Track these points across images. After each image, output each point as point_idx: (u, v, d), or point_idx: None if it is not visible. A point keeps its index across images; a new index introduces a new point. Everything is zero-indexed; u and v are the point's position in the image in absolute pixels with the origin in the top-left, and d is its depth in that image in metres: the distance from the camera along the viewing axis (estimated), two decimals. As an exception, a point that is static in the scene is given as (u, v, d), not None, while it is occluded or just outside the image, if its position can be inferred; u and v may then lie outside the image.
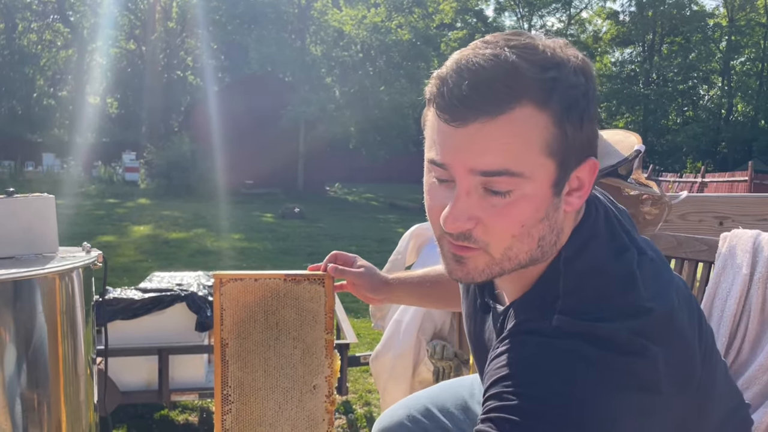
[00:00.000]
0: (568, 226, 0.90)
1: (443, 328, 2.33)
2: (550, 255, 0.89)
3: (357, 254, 1.47)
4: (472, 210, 0.83)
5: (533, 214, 0.83)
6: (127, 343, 3.53)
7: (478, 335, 1.08)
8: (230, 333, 1.36)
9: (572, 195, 0.86)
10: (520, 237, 0.84)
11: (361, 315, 6.71)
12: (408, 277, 1.52)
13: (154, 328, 3.60)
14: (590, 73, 0.85)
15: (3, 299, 1.32)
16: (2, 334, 1.37)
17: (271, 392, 1.38)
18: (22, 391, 1.41)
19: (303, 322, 1.37)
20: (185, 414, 4.10)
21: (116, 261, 9.34)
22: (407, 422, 1.43)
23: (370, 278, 1.43)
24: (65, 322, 1.42)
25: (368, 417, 4.16)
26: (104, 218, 13.89)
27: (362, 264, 1.45)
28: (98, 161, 23.34)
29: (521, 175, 0.81)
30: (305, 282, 1.37)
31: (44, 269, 1.31)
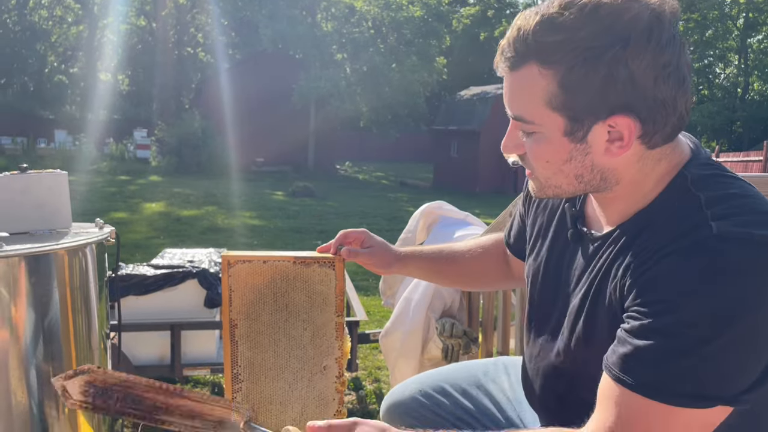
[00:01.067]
0: (634, 167, 0.96)
1: (452, 306, 2.34)
2: (606, 188, 0.99)
3: (370, 230, 1.47)
4: (515, 141, 1.01)
5: (555, 155, 0.97)
6: (139, 318, 3.58)
7: (557, 272, 1.12)
8: (239, 314, 1.37)
9: (613, 144, 0.94)
10: (552, 171, 0.99)
11: (370, 293, 6.74)
12: (421, 252, 1.52)
13: (166, 304, 3.65)
14: (638, 32, 0.87)
15: (17, 274, 1.33)
16: (17, 308, 1.38)
17: (281, 372, 1.39)
18: (38, 364, 1.42)
19: (313, 305, 1.37)
20: (197, 389, 4.17)
21: (128, 237, 9.41)
22: (420, 397, 1.44)
23: (382, 255, 1.43)
24: (79, 297, 1.42)
25: (377, 393, 4.20)
26: (116, 195, 13.97)
27: (372, 242, 1.44)
28: (110, 138, 23.41)
29: (532, 123, 0.96)
30: (315, 265, 1.37)
31: (58, 244, 1.33)
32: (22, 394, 1.40)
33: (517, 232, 1.39)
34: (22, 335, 1.40)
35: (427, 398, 1.44)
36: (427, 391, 1.45)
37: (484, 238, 1.58)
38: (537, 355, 1.17)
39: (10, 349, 1.39)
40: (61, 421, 1.48)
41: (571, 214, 1.12)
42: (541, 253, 1.18)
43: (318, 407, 1.40)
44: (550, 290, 1.13)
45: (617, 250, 0.98)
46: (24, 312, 1.40)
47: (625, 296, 0.92)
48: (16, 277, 1.35)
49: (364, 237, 1.44)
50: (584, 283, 1.03)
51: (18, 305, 1.39)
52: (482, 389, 1.42)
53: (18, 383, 1.40)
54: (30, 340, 1.42)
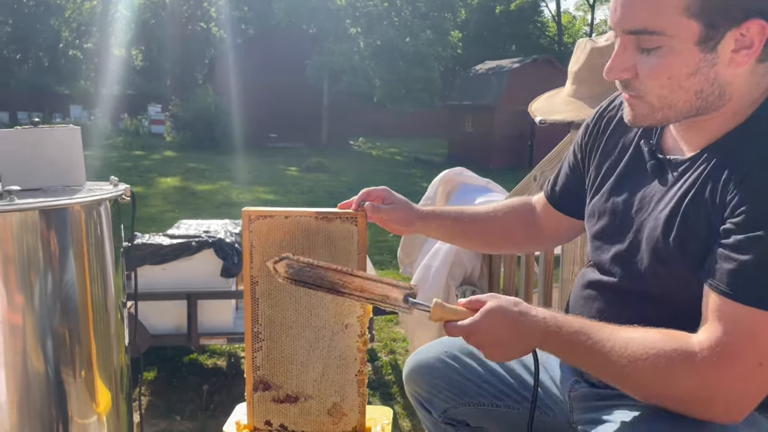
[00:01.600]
0: (746, 81, 0.98)
1: (473, 273, 2.30)
2: (718, 106, 0.99)
3: None
4: (626, 63, 1.01)
5: (680, 69, 0.96)
6: (155, 287, 3.58)
7: (629, 204, 1.12)
8: (260, 271, 1.34)
9: (739, 53, 0.94)
10: (670, 88, 0.98)
11: (386, 266, 6.73)
12: (444, 211, 1.48)
13: (182, 274, 3.64)
14: None
15: (29, 229, 1.27)
16: (31, 267, 1.33)
17: (302, 331, 1.36)
18: (53, 325, 1.39)
19: (335, 261, 1.33)
20: (213, 358, 4.18)
21: (144, 211, 9.46)
22: (446, 358, 1.41)
23: (404, 212, 1.40)
24: (93, 255, 1.38)
25: (393, 365, 4.20)
26: (131, 170, 14.03)
27: (394, 199, 1.40)
28: (124, 113, 23.46)
29: (662, 33, 0.94)
30: (337, 220, 1.33)
31: (71, 199, 1.28)
32: (37, 357, 1.36)
33: (565, 183, 1.36)
34: (37, 296, 1.36)
35: (453, 359, 1.41)
36: (453, 353, 1.42)
37: (510, 199, 1.53)
38: (601, 289, 1.16)
39: (25, 311, 1.35)
40: (78, 384, 1.45)
41: (649, 147, 1.13)
42: (612, 189, 1.17)
43: (339, 367, 1.37)
44: (625, 221, 1.12)
45: (710, 168, 0.99)
46: (39, 271, 1.35)
47: (725, 211, 0.94)
48: (29, 233, 1.30)
49: (386, 194, 1.40)
50: (669, 205, 1.03)
51: (30, 262, 1.34)
52: None
53: (32, 347, 1.37)
54: (46, 301, 1.38)
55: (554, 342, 1.03)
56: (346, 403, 1.38)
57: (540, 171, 1.92)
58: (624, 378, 0.97)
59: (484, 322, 1.05)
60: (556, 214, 1.40)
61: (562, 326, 1.02)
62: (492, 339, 1.05)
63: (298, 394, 1.38)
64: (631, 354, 0.95)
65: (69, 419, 1.41)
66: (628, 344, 0.96)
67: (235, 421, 1.45)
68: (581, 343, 1.00)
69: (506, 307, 1.05)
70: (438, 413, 1.43)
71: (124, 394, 1.64)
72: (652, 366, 0.93)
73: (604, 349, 0.97)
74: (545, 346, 1.04)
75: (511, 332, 1.04)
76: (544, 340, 1.03)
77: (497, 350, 1.06)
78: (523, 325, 1.03)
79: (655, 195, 1.08)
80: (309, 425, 1.39)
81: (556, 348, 1.04)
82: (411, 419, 3.40)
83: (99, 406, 1.48)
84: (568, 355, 1.05)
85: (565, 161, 1.38)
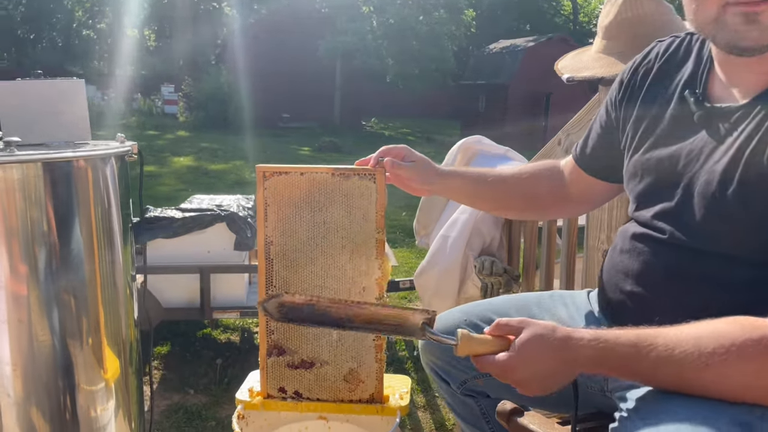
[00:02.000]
0: None
1: (492, 243, 2.23)
2: None
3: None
4: None
5: None
6: (168, 261, 3.55)
7: (676, 158, 1.04)
8: (274, 230, 1.28)
9: None
10: None
11: (398, 244, 6.68)
12: (466, 172, 1.41)
13: (194, 248, 3.61)
14: None
15: (33, 184, 1.19)
16: (32, 225, 1.25)
17: (318, 293, 1.30)
18: (57, 285, 1.30)
19: (352, 221, 1.27)
20: (227, 333, 4.16)
21: (158, 190, 9.46)
22: (465, 326, 1.33)
23: (425, 170, 1.33)
24: (99, 215, 1.31)
25: (407, 342, 4.16)
26: (145, 149, 13.80)
27: (415, 157, 1.33)
28: (138, 94, 23.46)
29: None
30: (355, 177, 1.27)
31: (76, 152, 1.21)
32: (43, 331, 1.29)
33: (597, 144, 1.27)
34: (40, 259, 1.28)
35: (473, 328, 1.34)
36: (472, 321, 1.35)
37: (536, 162, 1.45)
38: (649, 243, 1.07)
39: (28, 271, 1.27)
40: (85, 353, 1.39)
41: (695, 96, 1.04)
42: (655, 144, 1.09)
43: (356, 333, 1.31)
44: (672, 177, 1.04)
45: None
46: (39, 227, 1.27)
47: None
48: (31, 188, 1.21)
49: (406, 152, 1.33)
50: (725, 157, 0.95)
51: (32, 219, 1.25)
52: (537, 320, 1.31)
53: (37, 314, 1.30)
54: (50, 266, 1.30)
55: (610, 363, 0.91)
56: (363, 370, 1.33)
57: (565, 134, 1.84)
58: (707, 384, 0.85)
59: (523, 356, 0.94)
60: (586, 178, 1.31)
61: (615, 344, 0.90)
62: (533, 373, 0.94)
63: (313, 360, 1.33)
64: (707, 354, 0.84)
65: (76, 386, 1.36)
66: (699, 344, 0.85)
67: (248, 388, 1.40)
68: (645, 358, 0.88)
69: (545, 336, 0.94)
70: (456, 384, 1.37)
71: (134, 365, 1.59)
72: (738, 360, 0.82)
73: (675, 358, 0.85)
74: (599, 368, 0.93)
75: (557, 362, 0.93)
76: (598, 364, 0.92)
77: (538, 384, 0.95)
78: (568, 353, 0.92)
79: (705, 147, 1.00)
80: (324, 392, 1.34)
81: (614, 369, 0.92)
82: (425, 394, 3.36)
83: (107, 373, 1.43)
84: (631, 373, 0.92)
85: (596, 121, 1.29)
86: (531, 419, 1.13)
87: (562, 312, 1.30)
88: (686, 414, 0.85)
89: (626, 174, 1.16)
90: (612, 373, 0.95)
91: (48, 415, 1.33)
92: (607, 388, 1.14)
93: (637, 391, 0.99)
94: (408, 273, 5.53)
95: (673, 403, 0.89)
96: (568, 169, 1.36)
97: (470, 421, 1.39)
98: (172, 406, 3.12)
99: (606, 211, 1.70)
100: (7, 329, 1.21)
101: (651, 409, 0.91)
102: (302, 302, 1.02)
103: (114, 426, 1.46)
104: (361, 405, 1.33)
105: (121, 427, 1.49)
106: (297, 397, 1.35)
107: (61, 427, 1.34)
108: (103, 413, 1.41)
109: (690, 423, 0.83)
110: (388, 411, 1.33)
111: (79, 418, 1.36)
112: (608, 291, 1.14)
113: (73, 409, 1.35)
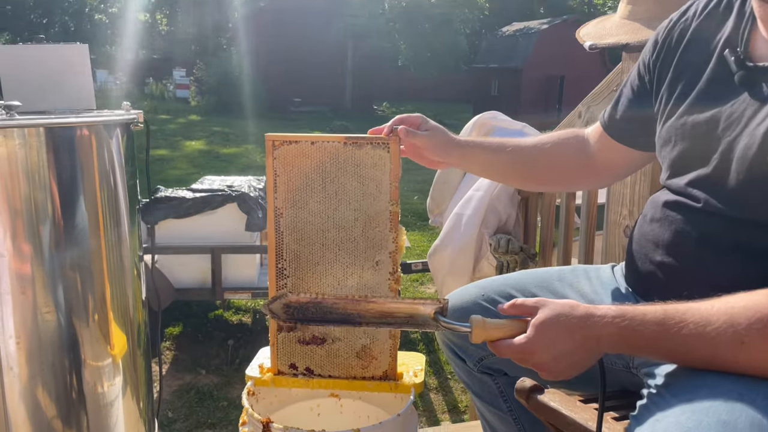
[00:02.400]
0: None
1: (508, 222, 2.17)
2: None
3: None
4: None
5: None
6: (179, 241, 3.53)
7: (714, 121, 0.97)
8: (285, 201, 1.23)
9: None
10: None
11: (409, 228, 6.63)
12: (483, 141, 1.34)
13: (205, 228, 3.58)
14: None
15: (34, 151, 1.14)
16: (35, 190, 1.19)
17: (329, 267, 1.26)
18: (62, 260, 1.26)
19: (365, 192, 1.22)
20: (239, 315, 4.15)
21: (169, 173, 9.47)
22: (482, 301, 1.28)
23: (441, 140, 1.27)
24: (104, 184, 1.24)
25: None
26: (157, 133, 14.05)
27: (430, 126, 1.28)
28: (150, 78, 23.46)
29: None
30: (368, 146, 1.21)
31: (79, 117, 1.16)
32: (47, 304, 1.25)
33: (627, 109, 1.20)
34: (43, 230, 1.23)
35: (491, 303, 1.28)
36: (490, 296, 1.29)
37: (559, 131, 1.38)
38: (682, 211, 1.01)
39: (30, 249, 1.22)
40: (92, 329, 1.34)
41: (736, 56, 0.97)
42: (691, 108, 1.02)
43: (370, 307, 1.26)
44: (709, 142, 0.97)
45: None
46: (44, 199, 1.21)
47: None
48: (32, 155, 1.15)
49: (421, 120, 1.27)
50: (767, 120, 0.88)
51: (35, 190, 1.19)
52: (557, 295, 1.24)
53: (42, 287, 1.24)
54: (53, 236, 1.24)
55: (636, 342, 0.85)
56: (376, 346, 1.28)
57: (586, 107, 1.77)
58: (742, 362, 0.79)
59: (542, 338, 0.88)
60: (614, 146, 1.24)
61: (642, 322, 0.84)
62: (554, 356, 0.88)
63: (325, 336, 1.28)
64: (743, 330, 0.77)
65: (82, 363, 1.32)
66: (733, 320, 0.78)
67: (258, 365, 1.36)
68: (674, 337, 0.81)
69: (564, 314, 0.88)
70: (473, 362, 1.32)
71: (142, 346, 1.55)
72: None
73: (708, 336, 0.79)
74: (624, 348, 0.87)
75: (578, 343, 0.87)
76: (623, 343, 0.86)
77: (561, 367, 0.89)
78: (590, 331, 0.86)
79: (747, 110, 0.93)
80: (336, 369, 1.30)
81: (641, 348, 0.86)
82: (437, 376, 3.33)
83: (114, 349, 1.39)
84: (659, 353, 0.86)
85: (627, 85, 1.22)
86: (552, 397, 1.08)
87: (585, 286, 1.24)
88: (720, 390, 0.80)
89: (659, 140, 1.09)
90: (638, 353, 0.90)
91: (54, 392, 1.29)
92: (633, 365, 1.09)
93: (666, 367, 0.94)
94: (420, 256, 5.48)
95: (705, 378, 0.83)
96: (594, 137, 1.29)
97: (487, 400, 1.35)
98: (183, 386, 3.11)
99: (628, 186, 1.63)
100: (11, 301, 1.17)
101: (683, 385, 0.86)
102: (307, 301, 1.01)
103: (121, 404, 1.43)
104: (374, 382, 1.29)
105: (129, 405, 1.46)
106: (308, 373, 1.31)
107: (66, 404, 1.31)
108: (110, 389, 1.38)
109: (724, 399, 0.78)
110: (402, 388, 1.29)
111: (85, 394, 1.33)
112: (637, 262, 1.09)
113: (79, 386, 1.32)
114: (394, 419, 1.20)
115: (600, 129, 1.27)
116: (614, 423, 1.00)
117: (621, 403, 1.06)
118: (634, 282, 1.12)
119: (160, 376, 1.73)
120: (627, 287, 1.16)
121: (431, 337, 3.85)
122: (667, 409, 0.82)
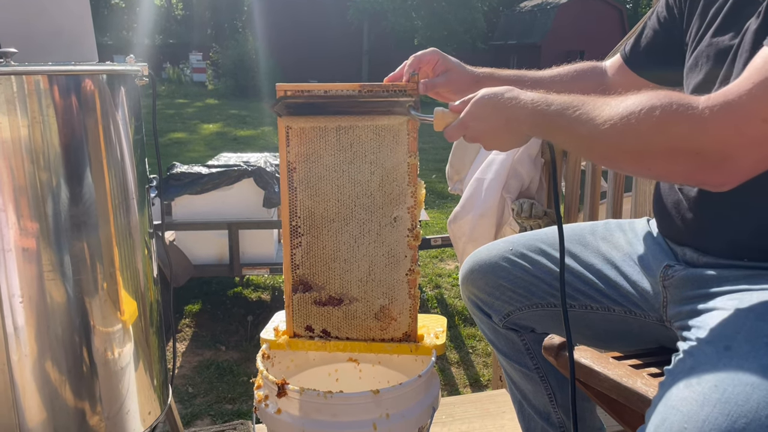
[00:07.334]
0: None
1: (531, 186, 2.09)
2: None
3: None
4: None
5: None
6: (196, 217, 3.50)
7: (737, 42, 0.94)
8: (297, 156, 1.18)
9: None
10: None
11: (428, 206, 6.56)
12: (503, 74, 1.30)
13: (222, 204, 3.54)
14: None
15: (32, 99, 1.07)
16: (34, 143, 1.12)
17: (345, 224, 1.20)
18: (66, 216, 1.18)
19: (382, 143, 1.16)
20: (258, 292, 4.13)
21: (187, 156, 9.47)
22: (512, 256, 1.22)
23: (459, 78, 1.24)
24: (108, 140, 1.18)
25: (439, 299, 4.07)
26: (174, 117, 14.08)
27: (447, 64, 1.23)
28: (166, 62, 23.49)
29: None
30: (385, 94, 1.15)
31: (79, 65, 1.09)
32: (54, 280, 1.19)
33: (652, 41, 1.17)
34: (47, 197, 1.16)
35: (521, 257, 1.22)
36: (520, 251, 1.24)
37: (577, 64, 1.33)
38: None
39: (30, 206, 1.15)
40: (101, 299, 1.28)
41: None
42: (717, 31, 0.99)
43: (388, 265, 1.21)
44: (732, 63, 0.93)
45: None
46: (44, 153, 1.14)
47: None
48: (32, 106, 1.07)
49: (438, 58, 1.22)
50: None
51: (35, 144, 1.11)
52: (590, 247, 1.18)
53: (45, 245, 1.17)
54: (54, 193, 1.17)
55: (543, 123, 0.92)
56: (395, 306, 1.22)
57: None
58: (610, 138, 0.83)
59: (477, 111, 0.99)
60: (632, 79, 1.22)
61: (551, 103, 0.91)
62: (487, 127, 0.99)
63: (341, 296, 1.23)
64: (623, 111, 0.82)
65: (91, 329, 1.27)
66: (622, 103, 0.83)
67: (273, 327, 1.31)
68: (569, 117, 0.88)
69: (497, 92, 0.98)
70: (500, 317, 1.26)
71: (154, 324, 1.49)
72: (647, 117, 0.79)
73: (593, 115, 0.85)
74: (536, 130, 0.95)
75: (503, 121, 0.97)
76: (534, 124, 0.94)
77: (492, 139, 1.01)
78: (512, 111, 0.95)
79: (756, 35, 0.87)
80: (354, 331, 1.24)
81: (546, 130, 0.93)
82: (459, 351, 3.27)
83: (123, 314, 1.35)
84: (556, 133, 0.93)
85: (652, 18, 1.17)
86: (582, 353, 1.02)
87: (620, 238, 1.18)
88: (759, 334, 0.77)
89: (687, 69, 1.05)
90: (546, 135, 0.95)
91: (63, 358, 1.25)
92: (666, 317, 1.03)
93: (699, 318, 0.88)
94: (438, 232, 5.42)
95: (743, 323, 0.80)
96: (613, 69, 1.28)
97: (512, 357, 1.29)
98: (203, 362, 3.10)
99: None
100: (15, 261, 1.12)
101: (718, 333, 0.81)
102: (303, 100, 1.18)
103: (133, 373, 1.38)
104: (393, 344, 1.23)
105: (141, 375, 1.41)
106: (325, 335, 1.25)
107: (75, 369, 1.27)
108: (121, 356, 1.33)
109: (765, 344, 0.75)
110: (422, 350, 1.23)
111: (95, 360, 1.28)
112: (666, 209, 1.04)
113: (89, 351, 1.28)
114: (415, 380, 1.14)
115: (619, 61, 1.25)
116: (650, 379, 0.94)
117: (658, 360, 1.00)
118: (666, 230, 1.07)
119: (174, 344, 1.68)
120: (660, 234, 1.10)
121: (451, 312, 3.79)
122: (703, 357, 0.77)
